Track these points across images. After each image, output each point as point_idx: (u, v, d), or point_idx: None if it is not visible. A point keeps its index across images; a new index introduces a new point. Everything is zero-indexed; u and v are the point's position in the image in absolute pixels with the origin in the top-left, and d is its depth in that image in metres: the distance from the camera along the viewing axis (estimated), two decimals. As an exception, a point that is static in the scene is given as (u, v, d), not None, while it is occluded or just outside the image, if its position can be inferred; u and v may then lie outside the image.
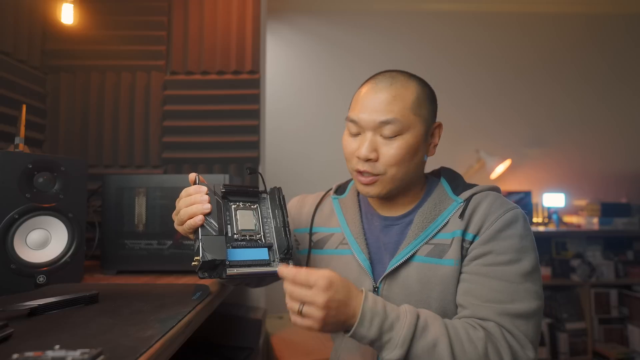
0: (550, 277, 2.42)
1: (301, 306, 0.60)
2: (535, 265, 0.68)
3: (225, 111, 1.49)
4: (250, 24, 1.51)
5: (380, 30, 2.73)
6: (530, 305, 0.65)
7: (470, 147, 2.66)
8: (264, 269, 0.69)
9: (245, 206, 0.75)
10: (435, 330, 0.62)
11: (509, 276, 0.66)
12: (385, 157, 0.71)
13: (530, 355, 0.63)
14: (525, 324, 0.64)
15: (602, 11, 2.79)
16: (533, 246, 0.70)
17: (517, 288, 0.66)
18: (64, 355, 0.42)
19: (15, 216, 0.81)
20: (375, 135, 0.72)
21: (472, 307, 0.67)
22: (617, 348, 2.34)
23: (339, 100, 2.64)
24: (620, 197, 2.67)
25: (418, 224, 0.75)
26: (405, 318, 0.62)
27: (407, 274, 0.72)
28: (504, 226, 0.69)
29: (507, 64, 2.76)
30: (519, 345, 0.63)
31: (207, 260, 0.63)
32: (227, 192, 0.74)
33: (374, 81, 0.75)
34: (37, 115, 1.37)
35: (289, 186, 0.95)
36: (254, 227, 0.73)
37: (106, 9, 1.47)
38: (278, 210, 0.76)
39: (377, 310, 0.61)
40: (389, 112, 0.71)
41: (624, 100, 2.78)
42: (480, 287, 0.67)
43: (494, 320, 0.64)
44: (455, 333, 0.62)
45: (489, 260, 0.68)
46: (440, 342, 0.60)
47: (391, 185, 0.74)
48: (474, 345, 0.61)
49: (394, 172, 0.72)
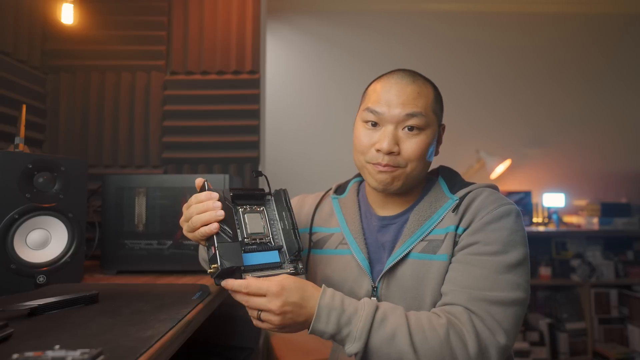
0: (550, 277, 2.42)
1: (259, 313, 0.63)
2: (522, 259, 0.67)
3: (225, 111, 1.49)
4: (250, 24, 1.51)
5: (380, 30, 2.73)
6: (509, 295, 0.64)
7: (470, 147, 2.66)
8: (277, 272, 0.69)
9: (252, 209, 0.75)
10: (395, 320, 0.62)
11: (492, 266, 0.66)
12: (407, 151, 0.72)
13: (500, 341, 0.62)
14: (502, 312, 0.63)
15: (602, 11, 2.79)
16: (523, 242, 0.69)
17: (498, 277, 0.65)
18: (64, 355, 0.42)
19: (15, 216, 0.81)
20: (397, 129, 0.72)
21: (451, 293, 0.67)
22: (617, 348, 2.34)
23: (339, 100, 2.64)
24: (620, 197, 2.67)
25: (413, 222, 0.75)
26: (362, 311, 0.63)
27: (402, 272, 0.73)
28: (494, 219, 0.69)
29: (507, 64, 2.76)
30: (488, 330, 0.62)
31: (225, 268, 0.63)
32: (234, 196, 0.74)
33: (395, 76, 0.75)
34: (37, 115, 1.37)
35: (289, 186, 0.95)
36: (263, 230, 0.73)
37: (106, 9, 1.47)
38: (286, 212, 0.76)
39: (333, 305, 0.63)
40: (415, 106, 0.72)
41: (624, 100, 2.78)
42: (461, 274, 0.67)
43: (464, 305, 0.64)
44: (416, 322, 0.62)
45: (475, 249, 0.68)
46: (398, 333, 0.61)
47: (405, 181, 0.74)
48: (435, 332, 0.61)
49: (413, 167, 0.73)
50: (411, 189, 0.79)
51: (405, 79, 0.74)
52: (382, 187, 0.75)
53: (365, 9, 2.73)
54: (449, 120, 0.83)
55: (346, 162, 0.81)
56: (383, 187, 0.75)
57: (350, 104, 0.81)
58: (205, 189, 0.71)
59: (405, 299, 0.71)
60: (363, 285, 0.75)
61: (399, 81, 0.74)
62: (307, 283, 0.65)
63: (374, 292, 0.74)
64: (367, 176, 0.77)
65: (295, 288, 0.63)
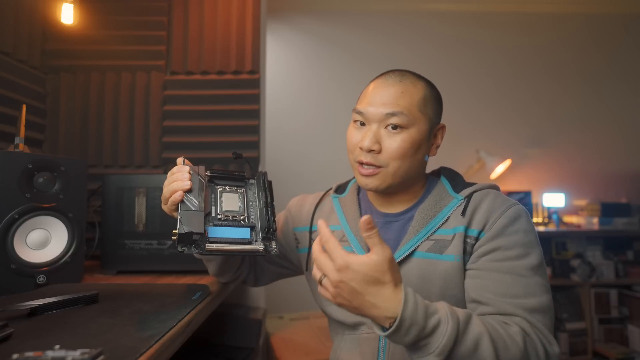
0: (550, 277, 2.42)
1: (321, 276, 0.59)
2: (541, 259, 0.69)
3: (225, 111, 1.49)
4: (250, 24, 1.51)
5: (380, 30, 2.73)
6: (543, 299, 0.66)
7: (470, 147, 2.66)
8: (244, 247, 0.70)
9: (231, 190, 0.78)
10: (476, 329, 0.58)
11: (520, 270, 0.67)
12: (388, 150, 0.73)
13: (556, 351, 0.63)
14: (544, 318, 0.65)
15: (602, 11, 2.79)
16: (537, 241, 0.71)
17: (528, 282, 0.66)
18: (64, 355, 0.42)
19: (15, 216, 0.81)
20: (380, 128, 0.74)
21: (492, 302, 0.66)
22: (617, 348, 2.34)
23: (339, 100, 2.64)
24: (620, 197, 2.67)
25: (419, 220, 0.75)
26: (445, 325, 0.56)
27: (407, 270, 0.73)
28: (509, 222, 0.70)
29: (507, 64, 2.76)
30: (546, 340, 0.63)
31: (183, 232, 0.64)
32: (213, 176, 0.77)
33: (384, 77, 0.77)
34: (37, 115, 1.37)
35: (289, 186, 0.95)
36: (238, 209, 0.75)
37: (106, 9, 1.47)
38: (262, 193, 0.78)
39: (416, 320, 0.55)
40: (395, 105, 0.73)
41: (624, 100, 2.78)
42: (493, 283, 0.67)
43: (520, 315, 0.64)
44: (494, 330, 0.59)
45: (498, 256, 0.69)
46: (481, 343, 0.57)
47: (391, 180, 0.74)
48: (514, 341, 0.59)
49: (396, 165, 0.73)
50: (408, 188, 0.79)
51: (391, 79, 0.75)
52: (365, 187, 0.76)
53: (365, 9, 2.73)
54: (449, 120, 0.83)
55: (346, 162, 0.81)
56: (365, 187, 0.76)
57: (351, 104, 0.81)
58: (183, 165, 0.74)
59: None
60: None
61: (385, 81, 0.76)
62: (386, 278, 0.56)
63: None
64: (356, 175, 0.79)
65: (364, 275, 0.55)
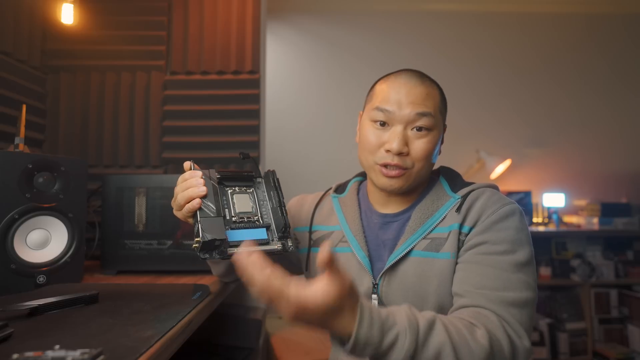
0: (550, 277, 2.42)
1: None
2: (529, 259, 0.68)
3: (225, 111, 1.49)
4: (250, 24, 1.51)
5: (380, 30, 2.73)
6: (522, 295, 0.65)
7: (470, 147, 2.66)
8: (263, 248, 0.70)
9: (241, 190, 0.77)
10: (437, 339, 0.55)
11: (503, 265, 0.66)
12: (416, 151, 0.73)
13: (526, 345, 0.62)
14: (519, 313, 0.64)
15: (602, 11, 2.79)
16: (528, 241, 0.70)
17: (509, 277, 0.66)
18: (64, 355, 0.42)
19: (15, 216, 0.81)
20: (406, 129, 0.73)
21: (468, 294, 0.66)
22: (617, 348, 2.34)
23: (339, 101, 2.64)
24: (620, 197, 2.67)
25: (416, 220, 0.76)
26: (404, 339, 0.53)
27: (405, 269, 0.73)
28: (500, 218, 0.70)
29: (507, 64, 2.76)
30: (515, 334, 0.62)
31: (207, 240, 0.64)
32: (222, 178, 0.76)
33: (404, 75, 0.76)
34: (37, 115, 1.37)
35: (289, 186, 0.95)
36: (251, 210, 0.75)
37: (106, 9, 1.47)
38: (273, 192, 0.78)
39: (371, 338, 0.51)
40: (424, 106, 0.73)
41: (624, 100, 2.78)
42: (474, 275, 0.67)
43: (491, 309, 0.63)
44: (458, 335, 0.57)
45: (484, 249, 0.68)
46: (443, 353, 0.55)
47: (413, 181, 0.75)
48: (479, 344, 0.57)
49: (420, 166, 0.74)
50: (414, 188, 0.80)
51: (414, 80, 0.75)
52: (389, 187, 0.76)
53: (366, 9, 2.73)
54: (449, 120, 0.83)
55: (346, 162, 0.81)
56: (389, 187, 0.76)
57: (350, 104, 0.81)
58: (191, 169, 0.74)
59: (407, 297, 0.71)
60: (364, 283, 0.76)
61: (408, 81, 0.75)
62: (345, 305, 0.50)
63: (374, 290, 0.75)
64: (375, 177, 0.77)
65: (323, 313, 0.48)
